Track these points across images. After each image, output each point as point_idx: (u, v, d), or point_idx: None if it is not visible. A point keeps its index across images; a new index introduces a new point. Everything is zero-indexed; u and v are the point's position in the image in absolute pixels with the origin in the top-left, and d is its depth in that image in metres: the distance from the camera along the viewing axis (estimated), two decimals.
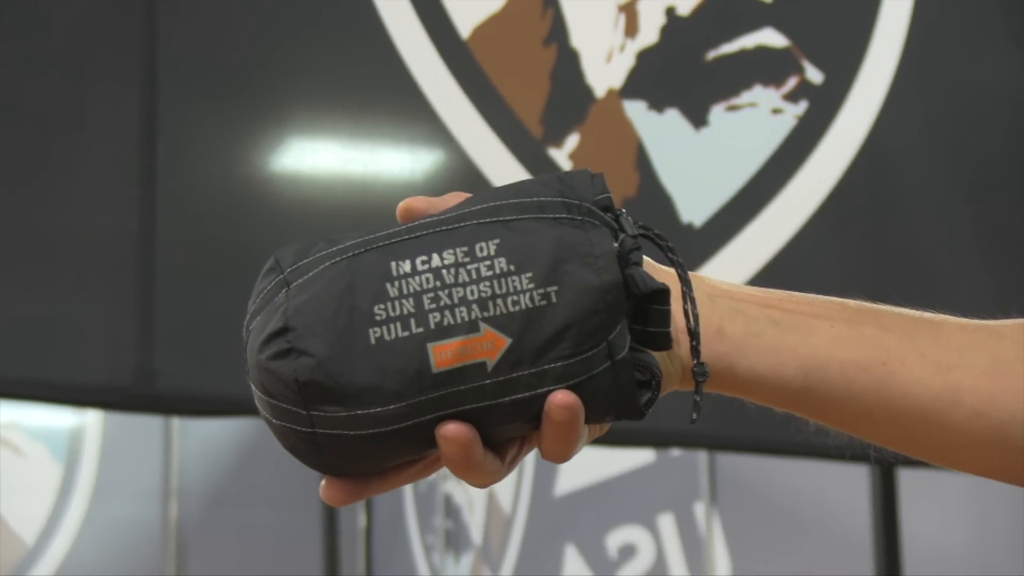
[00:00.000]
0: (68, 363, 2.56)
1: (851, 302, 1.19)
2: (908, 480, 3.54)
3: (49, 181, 2.58)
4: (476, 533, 6.08)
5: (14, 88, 2.57)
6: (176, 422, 6.22)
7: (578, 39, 2.87)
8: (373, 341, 1.02)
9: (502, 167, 2.73)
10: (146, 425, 6.31)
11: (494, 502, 6.01)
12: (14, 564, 6.20)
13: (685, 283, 1.10)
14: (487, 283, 1.03)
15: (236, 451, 6.25)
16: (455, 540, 6.17)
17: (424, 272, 1.03)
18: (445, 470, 1.08)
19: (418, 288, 1.03)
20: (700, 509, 5.18)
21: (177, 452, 6.43)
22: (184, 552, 6.40)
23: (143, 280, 2.54)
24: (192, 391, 2.50)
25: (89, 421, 6.31)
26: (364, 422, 1.03)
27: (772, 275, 2.89)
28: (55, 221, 2.57)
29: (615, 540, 5.49)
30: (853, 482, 4.02)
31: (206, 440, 6.37)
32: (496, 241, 1.04)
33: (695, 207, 2.90)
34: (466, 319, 1.02)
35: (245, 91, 2.68)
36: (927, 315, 1.20)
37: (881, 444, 1.20)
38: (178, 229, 2.56)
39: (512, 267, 1.03)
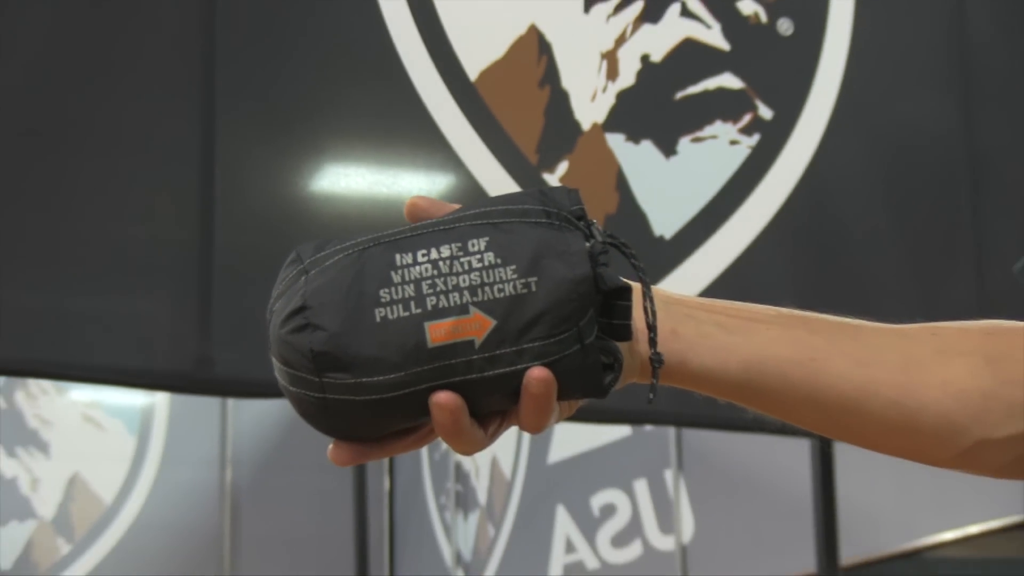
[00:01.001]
0: (140, 353, 2.55)
1: (784, 309, 1.19)
2: (843, 452, 3.54)
3: (121, 197, 2.57)
4: (481, 495, 6.07)
5: (91, 113, 2.57)
6: (231, 402, 6.21)
7: (568, 81, 2.86)
8: (378, 319, 1.03)
9: (504, 189, 2.72)
10: (205, 404, 6.30)
11: (497, 469, 6.00)
12: (94, 520, 6.19)
13: (646, 286, 1.10)
14: (477, 273, 1.04)
15: (281, 426, 6.24)
16: (464, 501, 6.16)
17: (423, 263, 1.04)
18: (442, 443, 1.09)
19: (418, 276, 1.04)
20: (669, 475, 5.17)
21: (231, 427, 6.42)
22: (237, 511, 6.39)
23: (202, 284, 2.54)
24: (243, 376, 2.50)
25: (158, 401, 6.31)
26: (368, 388, 1.03)
27: (729, 280, 2.89)
28: (128, 232, 2.56)
29: (597, 501, 5.49)
30: (798, 453, 4.02)
31: (256, 416, 6.36)
32: (486, 239, 1.05)
33: (666, 222, 2.89)
34: (458, 303, 1.03)
35: (290, 122, 2.67)
36: (848, 320, 1.21)
37: (811, 430, 1.20)
38: (232, 240, 2.55)
39: (499, 260, 1.04)
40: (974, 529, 4.23)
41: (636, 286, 1.10)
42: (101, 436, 6.29)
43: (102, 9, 2.61)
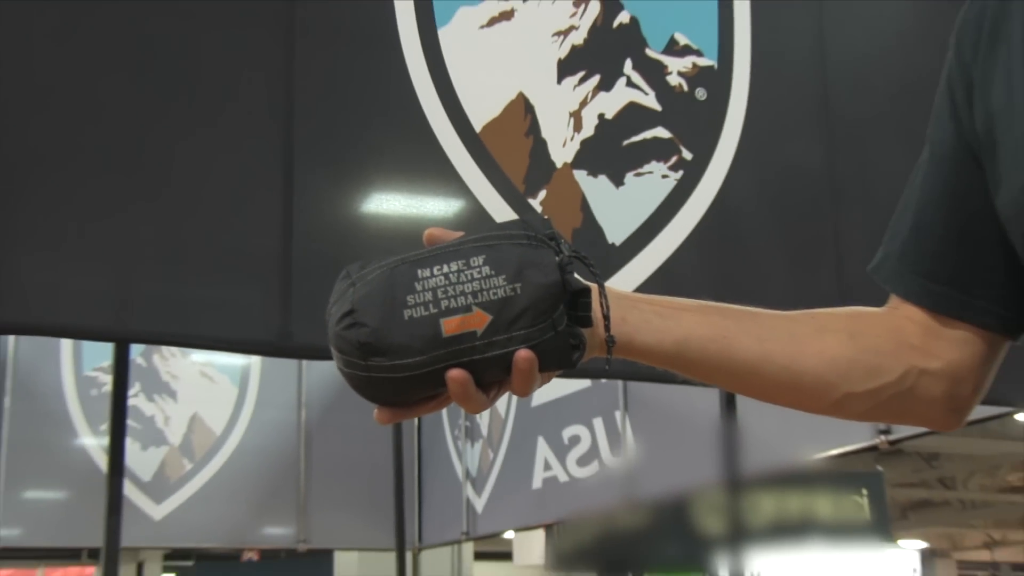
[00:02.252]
0: (240, 327, 2.55)
1: (703, 301, 1.21)
2: (742, 398, 3.56)
3: (228, 217, 2.57)
4: (484, 429, 6.06)
5: (204, 154, 2.57)
6: (304, 362, 6.21)
7: (546, 133, 2.85)
8: (406, 318, 1.05)
9: (500, 211, 2.72)
10: (286, 364, 6.31)
11: (495, 410, 5.99)
12: (208, 447, 6.19)
13: (601, 287, 1.12)
14: (477, 282, 1.05)
15: (339, 380, 6.24)
16: (472, 433, 6.15)
17: (438, 275, 1.06)
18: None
19: (434, 285, 1.06)
20: (618, 415, 5.16)
21: (305, 380, 6.42)
22: (309, 441, 6.39)
23: (283, 279, 2.53)
24: (313, 345, 2.48)
25: (253, 362, 6.31)
26: (400, 368, 1.05)
27: (661, 275, 2.88)
28: (232, 243, 2.56)
29: (567, 433, 5.47)
30: (710, 398, 4.03)
31: (322, 372, 6.36)
32: (483, 256, 1.07)
33: (616, 233, 2.88)
34: (464, 304, 1.05)
35: (347, 162, 2.67)
36: (751, 308, 1.21)
37: (724, 388, 1.22)
38: (305, 247, 2.55)
39: (493, 272, 1.06)
40: (835, 451, 4.23)
41: (595, 286, 1.11)
42: (213, 386, 6.29)
43: (211, 73, 2.60)
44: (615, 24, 2.99)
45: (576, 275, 1.09)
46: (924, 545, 21.84)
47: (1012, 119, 1.09)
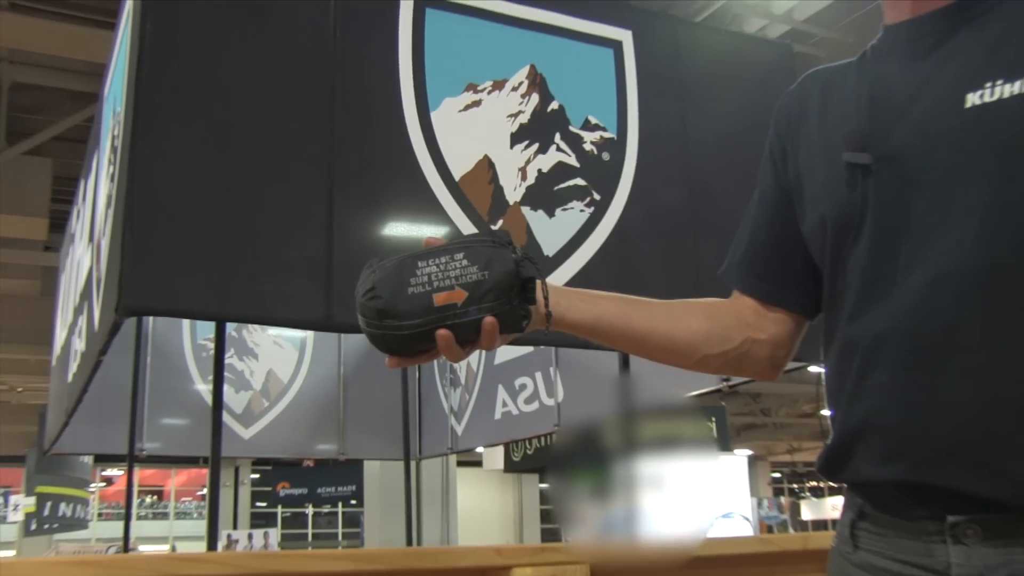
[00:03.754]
0: (299, 311, 2.52)
1: (613, 293, 1.18)
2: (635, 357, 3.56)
3: (289, 234, 2.54)
4: (462, 379, 6.03)
5: (268, 187, 2.54)
6: (342, 335, 6.16)
7: (503, 181, 2.84)
8: (409, 293, 1.03)
9: (471, 231, 2.71)
10: (330, 336, 6.25)
11: (468, 365, 5.96)
12: (278, 391, 6.13)
13: (542, 279, 1.10)
14: (458, 270, 1.04)
15: (367, 345, 6.18)
16: (454, 381, 6.12)
17: (432, 265, 1.04)
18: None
19: (429, 272, 1.04)
20: (552, 370, 5.15)
21: (344, 346, 6.37)
22: (346, 389, 6.34)
23: (327, 278, 2.51)
24: (349, 322, 2.46)
25: (308, 334, 6.25)
26: (404, 328, 1.03)
27: (580, 277, 2.88)
28: (292, 253, 2.53)
29: (518, 382, 5.45)
30: (613, 356, 4.03)
31: (355, 341, 6.31)
32: (463, 253, 1.05)
33: (550, 248, 2.87)
34: (449, 284, 1.03)
35: (372, 194, 2.65)
36: (643, 298, 1.19)
37: (627, 351, 1.21)
38: (342, 257, 2.53)
39: (469, 263, 1.04)
40: (695, 393, 4.22)
41: (539, 281, 1.09)
42: (281, 351, 6.23)
43: (283, 150, 2.58)
44: (549, 109, 2.98)
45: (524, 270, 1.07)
46: (750, 452, 22.05)
47: (811, 174, 1.11)
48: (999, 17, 0.98)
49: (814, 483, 26.73)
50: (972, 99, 0.95)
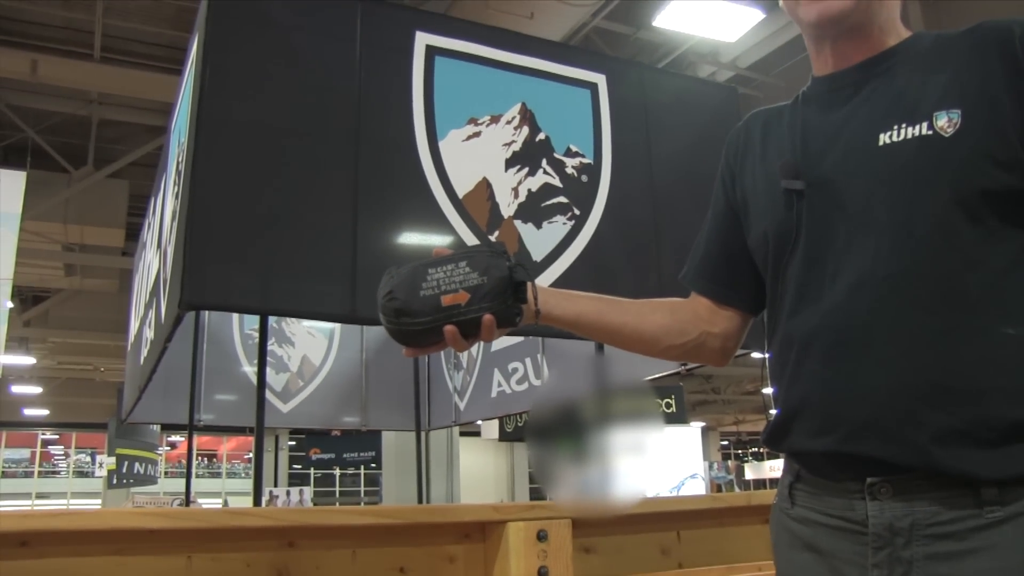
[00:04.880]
0: (328, 306, 2.51)
1: (592, 293, 1.17)
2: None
3: (322, 242, 2.54)
4: (464, 363, 6.02)
5: (305, 203, 2.53)
6: (365, 327, 6.14)
7: (499, 199, 2.84)
8: (422, 295, 1.01)
9: (472, 242, 2.71)
10: (355, 327, 6.22)
11: (469, 353, 5.94)
12: (312, 372, 6.11)
13: (532, 281, 1.07)
14: (462, 275, 1.02)
15: (385, 335, 6.14)
16: (458, 365, 6.11)
17: (440, 272, 1.02)
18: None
19: (438, 277, 1.02)
20: (539, 356, 5.15)
21: (366, 336, 6.35)
22: (368, 370, 6.31)
23: (352, 277, 2.50)
24: (370, 317, 2.46)
25: (336, 326, 6.22)
26: (417, 325, 1.01)
27: (563, 279, 2.87)
28: (324, 258, 2.52)
29: (511, 366, 5.44)
30: (590, 345, 4.01)
31: (375, 332, 6.28)
32: (466, 261, 1.03)
33: (538, 253, 2.87)
34: (455, 287, 1.01)
35: (390, 212, 2.64)
36: (617, 298, 1.18)
37: (603, 342, 1.20)
38: (365, 263, 2.52)
39: (470, 269, 1.02)
40: (657, 375, 4.22)
41: (530, 283, 1.07)
42: (313, 339, 6.19)
43: (313, 172, 2.57)
44: (537, 139, 2.97)
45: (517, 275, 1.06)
46: (703, 424, 22.06)
47: (755, 197, 1.11)
48: (900, 72, 1.01)
49: (755, 449, 26.77)
50: (884, 138, 0.98)
